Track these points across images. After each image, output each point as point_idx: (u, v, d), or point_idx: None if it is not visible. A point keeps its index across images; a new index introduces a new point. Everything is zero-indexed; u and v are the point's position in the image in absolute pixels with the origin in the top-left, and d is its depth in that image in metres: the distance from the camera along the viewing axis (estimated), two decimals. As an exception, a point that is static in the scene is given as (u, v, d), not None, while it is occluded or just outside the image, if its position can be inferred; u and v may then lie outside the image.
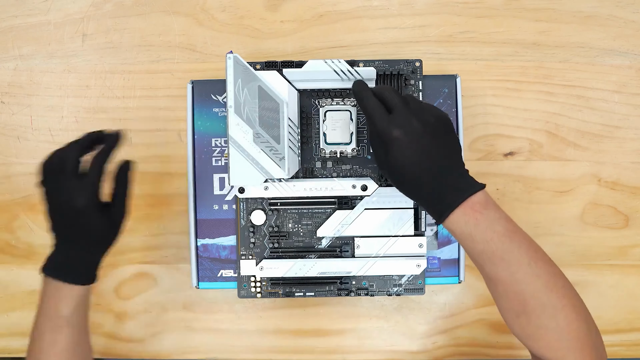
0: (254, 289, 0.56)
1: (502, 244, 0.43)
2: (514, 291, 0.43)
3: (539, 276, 0.42)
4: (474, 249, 0.44)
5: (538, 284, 0.42)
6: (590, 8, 0.61)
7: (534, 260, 0.43)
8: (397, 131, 0.43)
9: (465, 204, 0.43)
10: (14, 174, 0.62)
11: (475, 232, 0.43)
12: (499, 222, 0.43)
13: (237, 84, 0.51)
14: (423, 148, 0.44)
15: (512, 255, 0.43)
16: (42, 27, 0.62)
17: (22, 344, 0.62)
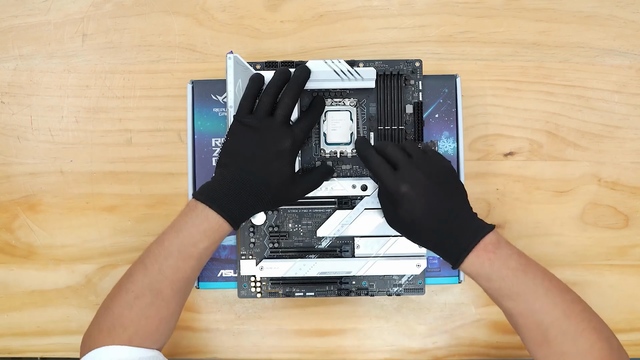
0: (254, 289, 0.56)
1: (517, 279, 0.45)
2: (534, 322, 0.45)
3: (556, 305, 0.44)
4: (490, 287, 0.46)
5: (556, 312, 0.44)
6: (590, 8, 0.61)
7: (550, 290, 0.45)
8: (405, 187, 0.46)
9: (478, 247, 0.45)
10: (14, 174, 0.62)
11: (490, 271, 0.45)
12: (512, 258, 0.45)
13: (237, 84, 0.51)
14: (431, 199, 0.46)
15: (528, 288, 0.45)
16: (42, 27, 0.62)
17: (22, 344, 0.62)
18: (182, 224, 0.48)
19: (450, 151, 0.57)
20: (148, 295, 0.47)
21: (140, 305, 0.46)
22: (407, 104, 0.56)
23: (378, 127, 0.56)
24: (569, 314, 0.44)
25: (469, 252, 0.45)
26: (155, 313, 0.47)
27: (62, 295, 0.62)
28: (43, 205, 0.62)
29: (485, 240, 0.45)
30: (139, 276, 0.48)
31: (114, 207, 0.61)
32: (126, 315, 0.46)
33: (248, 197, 0.47)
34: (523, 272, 0.45)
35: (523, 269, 0.45)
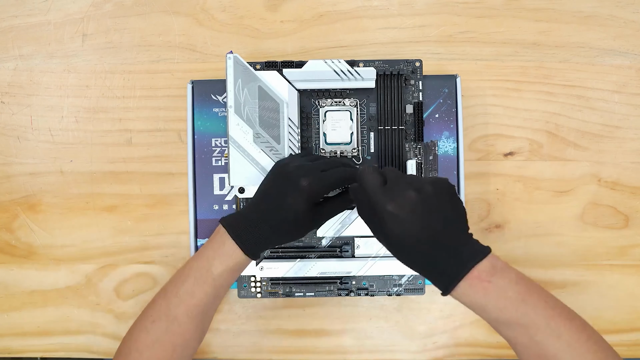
0: (254, 289, 0.56)
1: (516, 309, 0.41)
2: (535, 353, 0.41)
3: (559, 336, 0.40)
4: (487, 317, 0.42)
5: (559, 344, 0.40)
6: (590, 8, 0.61)
7: (553, 320, 0.41)
8: (391, 205, 0.41)
9: (470, 275, 0.41)
10: (14, 174, 0.62)
11: (485, 302, 0.41)
12: (509, 287, 0.41)
13: (237, 84, 0.51)
14: (419, 220, 0.41)
15: (528, 319, 0.41)
16: (42, 27, 0.62)
17: (22, 344, 0.62)
18: (203, 248, 0.48)
19: (450, 151, 0.57)
20: (164, 320, 0.46)
21: (155, 331, 0.46)
22: (407, 104, 0.56)
23: (378, 127, 0.56)
24: (574, 345, 0.40)
25: (460, 280, 0.41)
26: (169, 339, 0.46)
27: (62, 295, 0.62)
28: (43, 205, 0.62)
29: (479, 267, 0.41)
30: (159, 301, 0.47)
31: (114, 207, 0.61)
32: (142, 339, 0.46)
33: (262, 227, 0.47)
34: (523, 302, 0.41)
35: (522, 299, 0.41)
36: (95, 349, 0.62)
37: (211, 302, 0.48)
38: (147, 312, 0.48)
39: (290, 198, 0.46)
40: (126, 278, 0.62)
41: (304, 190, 0.46)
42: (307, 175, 0.46)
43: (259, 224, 0.47)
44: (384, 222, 0.42)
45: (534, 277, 0.60)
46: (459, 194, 0.44)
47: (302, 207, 0.46)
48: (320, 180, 0.47)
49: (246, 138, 0.51)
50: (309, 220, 0.48)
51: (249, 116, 0.51)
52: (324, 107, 0.56)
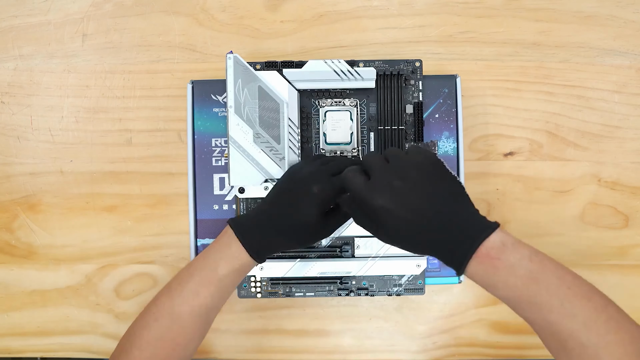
0: (254, 289, 0.56)
1: (527, 289, 0.39)
2: (550, 333, 0.39)
3: (574, 315, 0.38)
4: (498, 295, 0.41)
5: (575, 323, 0.38)
6: (590, 8, 0.61)
7: (568, 299, 0.38)
8: (380, 200, 0.40)
9: (479, 253, 0.39)
10: (14, 174, 0.62)
11: (496, 280, 0.39)
12: (520, 265, 0.39)
13: (237, 84, 0.51)
14: (413, 207, 0.40)
15: (541, 298, 0.39)
16: (42, 27, 0.62)
17: (22, 344, 0.62)
18: (210, 248, 0.48)
19: (450, 151, 0.57)
20: (167, 318, 0.46)
21: (158, 328, 0.46)
22: (407, 104, 0.56)
23: (378, 127, 0.56)
24: (591, 325, 0.38)
25: (469, 260, 0.39)
26: (171, 337, 0.46)
27: (62, 295, 0.62)
28: (43, 205, 0.62)
29: (486, 244, 0.39)
30: (163, 299, 0.47)
31: (114, 207, 0.61)
32: (144, 336, 0.46)
33: (270, 230, 0.46)
34: (534, 280, 0.39)
35: (534, 277, 0.39)
36: (95, 349, 0.62)
37: (215, 302, 0.47)
38: (150, 309, 0.47)
39: (300, 205, 0.46)
40: (126, 278, 0.62)
41: (314, 196, 0.46)
42: (318, 181, 0.46)
43: (267, 228, 0.47)
44: (379, 219, 0.41)
45: None
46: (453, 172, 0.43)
47: (313, 214, 0.46)
48: (332, 185, 0.46)
49: (246, 138, 0.51)
50: (320, 227, 0.48)
51: (249, 116, 0.51)
52: (324, 107, 0.56)
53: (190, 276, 0.47)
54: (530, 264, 0.39)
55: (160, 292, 0.48)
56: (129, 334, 0.47)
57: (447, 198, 0.41)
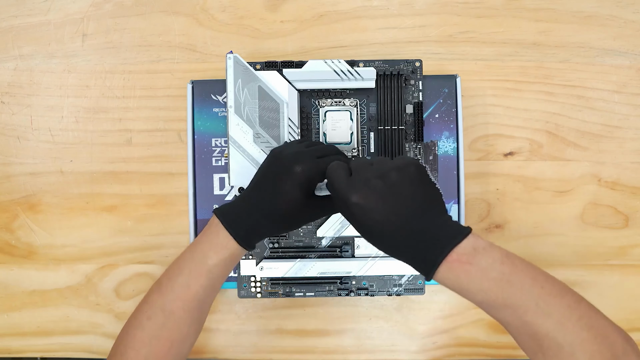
0: (254, 289, 0.56)
1: (501, 291, 0.39)
2: (526, 333, 0.39)
3: (549, 315, 0.38)
4: (473, 300, 0.41)
5: (550, 323, 0.38)
6: (590, 8, 0.61)
7: (542, 299, 0.39)
8: (356, 196, 0.40)
9: (449, 258, 0.39)
10: (14, 174, 0.62)
11: (468, 284, 0.39)
12: (492, 268, 0.39)
13: (237, 84, 0.51)
14: (387, 209, 0.40)
15: (515, 299, 0.39)
16: (42, 27, 0.62)
17: (22, 344, 0.62)
18: (198, 239, 0.47)
19: (450, 151, 0.57)
20: (160, 315, 0.45)
21: (152, 326, 0.45)
22: (407, 104, 0.56)
23: (378, 127, 0.56)
24: (565, 323, 0.38)
25: (439, 265, 0.39)
26: (166, 335, 0.45)
27: (62, 295, 0.62)
28: (43, 205, 0.62)
29: (457, 250, 0.39)
30: (154, 296, 0.47)
31: (114, 207, 0.61)
32: (138, 336, 0.45)
33: (256, 215, 0.46)
34: (508, 283, 0.39)
35: (507, 279, 0.39)
36: (95, 349, 0.62)
37: (208, 294, 0.47)
38: (141, 307, 0.47)
39: (284, 185, 0.45)
40: (126, 278, 0.62)
41: (297, 176, 0.44)
42: (301, 161, 0.45)
43: (252, 213, 0.46)
44: (352, 215, 0.41)
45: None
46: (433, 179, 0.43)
47: (296, 194, 0.45)
48: (316, 165, 0.45)
49: (246, 138, 0.51)
50: (304, 209, 0.46)
51: (249, 116, 0.51)
52: (324, 107, 0.56)
53: (179, 270, 0.46)
54: (503, 266, 0.39)
55: (151, 289, 0.47)
56: (123, 335, 0.46)
57: (423, 203, 0.41)
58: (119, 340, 0.46)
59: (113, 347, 0.47)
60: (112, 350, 0.47)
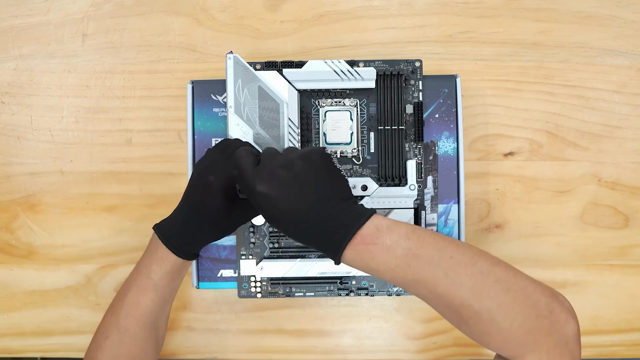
0: (254, 289, 0.56)
1: (408, 267, 0.39)
2: (442, 305, 0.39)
3: (461, 284, 0.38)
4: (384, 278, 0.41)
5: (462, 292, 0.38)
6: (590, 8, 0.61)
7: (452, 269, 0.38)
8: (261, 185, 0.41)
9: (354, 241, 0.40)
10: (14, 174, 0.62)
11: (374, 265, 0.40)
12: (398, 245, 0.39)
13: (237, 84, 0.51)
14: (292, 197, 0.41)
15: (424, 273, 0.39)
16: (42, 27, 0.62)
17: (22, 344, 0.62)
18: (142, 256, 0.50)
19: (450, 151, 0.57)
20: (115, 334, 0.47)
21: (109, 346, 0.47)
22: (407, 104, 0.56)
23: (378, 127, 0.56)
24: (479, 290, 0.38)
25: (345, 248, 0.40)
26: (125, 352, 0.47)
27: (62, 295, 0.62)
28: (43, 205, 0.62)
29: (361, 232, 0.40)
30: (107, 317, 0.49)
31: (114, 207, 0.61)
32: (99, 358, 0.47)
33: (189, 227, 0.47)
34: (414, 257, 0.39)
35: (413, 254, 0.39)
36: (95, 349, 0.62)
37: (159, 308, 0.48)
38: (98, 330, 0.49)
39: (204, 196, 0.46)
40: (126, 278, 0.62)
41: (211, 185, 0.46)
42: (213, 170, 0.46)
43: (187, 225, 0.47)
44: (259, 204, 0.42)
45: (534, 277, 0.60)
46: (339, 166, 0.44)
47: (217, 203, 0.46)
48: (226, 171, 0.46)
49: (246, 138, 0.51)
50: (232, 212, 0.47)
51: (249, 116, 0.51)
52: (324, 107, 0.56)
53: (128, 287, 0.48)
54: (409, 242, 0.39)
55: (106, 311, 0.50)
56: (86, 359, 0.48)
57: (327, 190, 0.42)
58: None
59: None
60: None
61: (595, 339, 0.61)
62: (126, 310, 0.48)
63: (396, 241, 0.40)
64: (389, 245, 0.39)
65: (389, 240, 0.40)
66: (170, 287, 0.49)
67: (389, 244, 0.39)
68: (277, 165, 0.42)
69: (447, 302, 0.39)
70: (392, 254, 0.39)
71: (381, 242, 0.40)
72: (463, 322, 0.39)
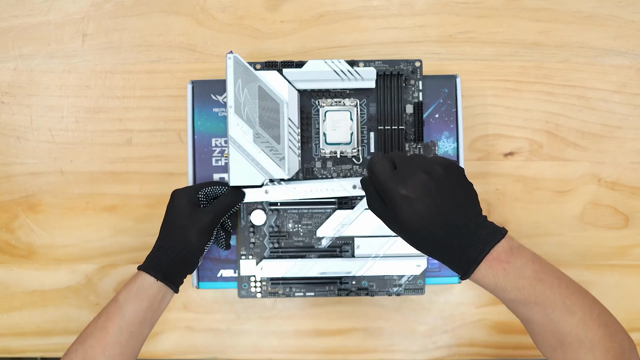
0: (254, 289, 0.56)
1: (533, 289, 0.41)
2: (550, 330, 0.42)
3: (574, 313, 0.41)
4: (505, 298, 0.42)
5: (574, 320, 0.41)
6: (590, 8, 0.61)
7: (568, 297, 0.41)
8: (404, 188, 0.41)
9: (489, 257, 0.41)
10: (14, 174, 0.62)
11: (505, 283, 0.41)
12: (527, 267, 0.41)
13: (237, 84, 0.51)
14: (434, 203, 0.41)
15: (545, 297, 0.41)
16: (42, 27, 0.62)
17: (22, 344, 0.62)
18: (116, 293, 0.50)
19: (450, 151, 0.57)
20: None
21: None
22: (407, 104, 0.56)
23: (378, 127, 0.56)
24: (587, 321, 0.41)
25: (479, 263, 0.41)
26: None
27: (62, 295, 0.62)
28: (43, 205, 0.62)
29: (497, 248, 0.41)
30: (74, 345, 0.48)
31: (114, 207, 0.61)
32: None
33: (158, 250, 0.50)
34: (540, 281, 0.41)
35: (540, 278, 0.41)
36: (95, 349, 0.62)
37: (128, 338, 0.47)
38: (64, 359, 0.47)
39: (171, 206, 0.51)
40: (126, 278, 0.62)
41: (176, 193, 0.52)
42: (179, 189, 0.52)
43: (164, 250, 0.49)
44: (398, 207, 0.41)
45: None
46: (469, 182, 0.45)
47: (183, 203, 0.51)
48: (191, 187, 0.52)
49: (246, 138, 0.51)
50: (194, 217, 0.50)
51: (249, 116, 0.51)
52: (324, 107, 0.56)
53: (98, 316, 0.48)
54: (534, 265, 0.41)
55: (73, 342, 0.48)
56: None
57: (464, 200, 0.42)
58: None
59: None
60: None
61: (595, 339, 0.61)
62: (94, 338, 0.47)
63: (525, 263, 0.41)
64: (519, 265, 0.41)
65: (520, 261, 0.41)
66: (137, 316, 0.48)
67: (519, 265, 0.41)
68: (417, 170, 0.42)
69: (557, 328, 0.41)
70: (521, 275, 0.41)
71: (513, 261, 0.41)
72: (562, 348, 0.42)
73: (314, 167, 0.56)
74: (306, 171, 0.56)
